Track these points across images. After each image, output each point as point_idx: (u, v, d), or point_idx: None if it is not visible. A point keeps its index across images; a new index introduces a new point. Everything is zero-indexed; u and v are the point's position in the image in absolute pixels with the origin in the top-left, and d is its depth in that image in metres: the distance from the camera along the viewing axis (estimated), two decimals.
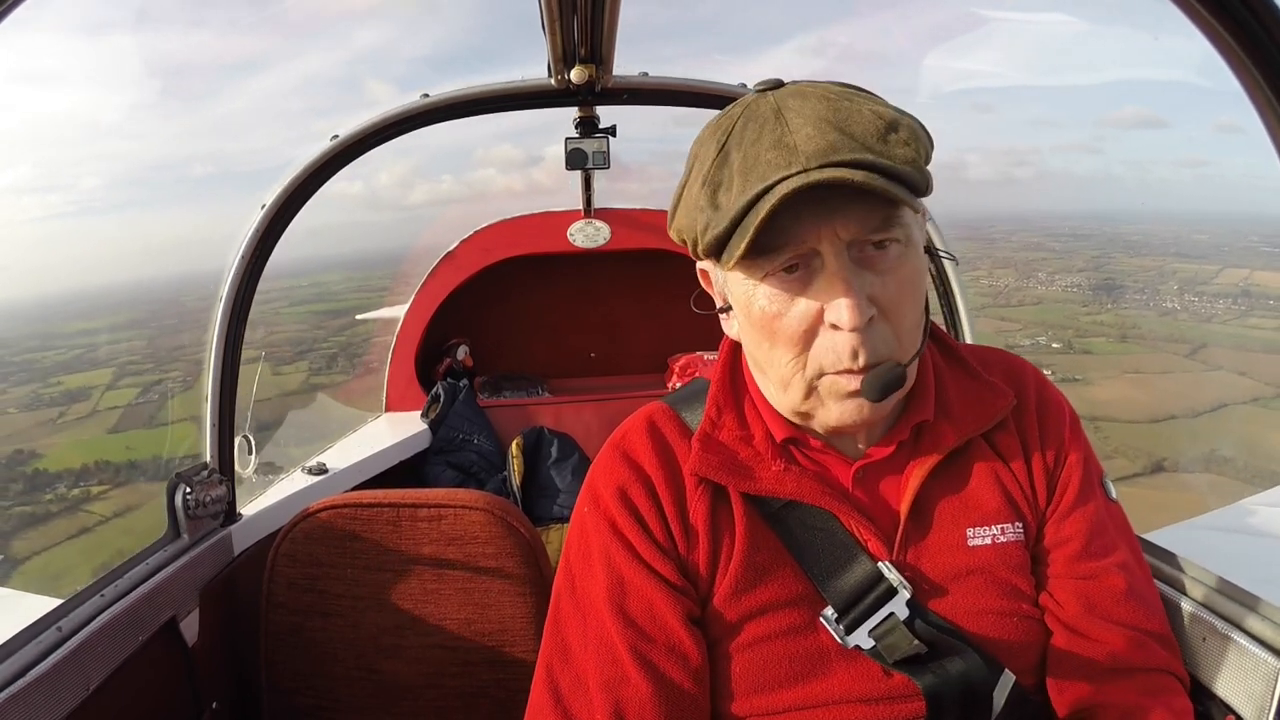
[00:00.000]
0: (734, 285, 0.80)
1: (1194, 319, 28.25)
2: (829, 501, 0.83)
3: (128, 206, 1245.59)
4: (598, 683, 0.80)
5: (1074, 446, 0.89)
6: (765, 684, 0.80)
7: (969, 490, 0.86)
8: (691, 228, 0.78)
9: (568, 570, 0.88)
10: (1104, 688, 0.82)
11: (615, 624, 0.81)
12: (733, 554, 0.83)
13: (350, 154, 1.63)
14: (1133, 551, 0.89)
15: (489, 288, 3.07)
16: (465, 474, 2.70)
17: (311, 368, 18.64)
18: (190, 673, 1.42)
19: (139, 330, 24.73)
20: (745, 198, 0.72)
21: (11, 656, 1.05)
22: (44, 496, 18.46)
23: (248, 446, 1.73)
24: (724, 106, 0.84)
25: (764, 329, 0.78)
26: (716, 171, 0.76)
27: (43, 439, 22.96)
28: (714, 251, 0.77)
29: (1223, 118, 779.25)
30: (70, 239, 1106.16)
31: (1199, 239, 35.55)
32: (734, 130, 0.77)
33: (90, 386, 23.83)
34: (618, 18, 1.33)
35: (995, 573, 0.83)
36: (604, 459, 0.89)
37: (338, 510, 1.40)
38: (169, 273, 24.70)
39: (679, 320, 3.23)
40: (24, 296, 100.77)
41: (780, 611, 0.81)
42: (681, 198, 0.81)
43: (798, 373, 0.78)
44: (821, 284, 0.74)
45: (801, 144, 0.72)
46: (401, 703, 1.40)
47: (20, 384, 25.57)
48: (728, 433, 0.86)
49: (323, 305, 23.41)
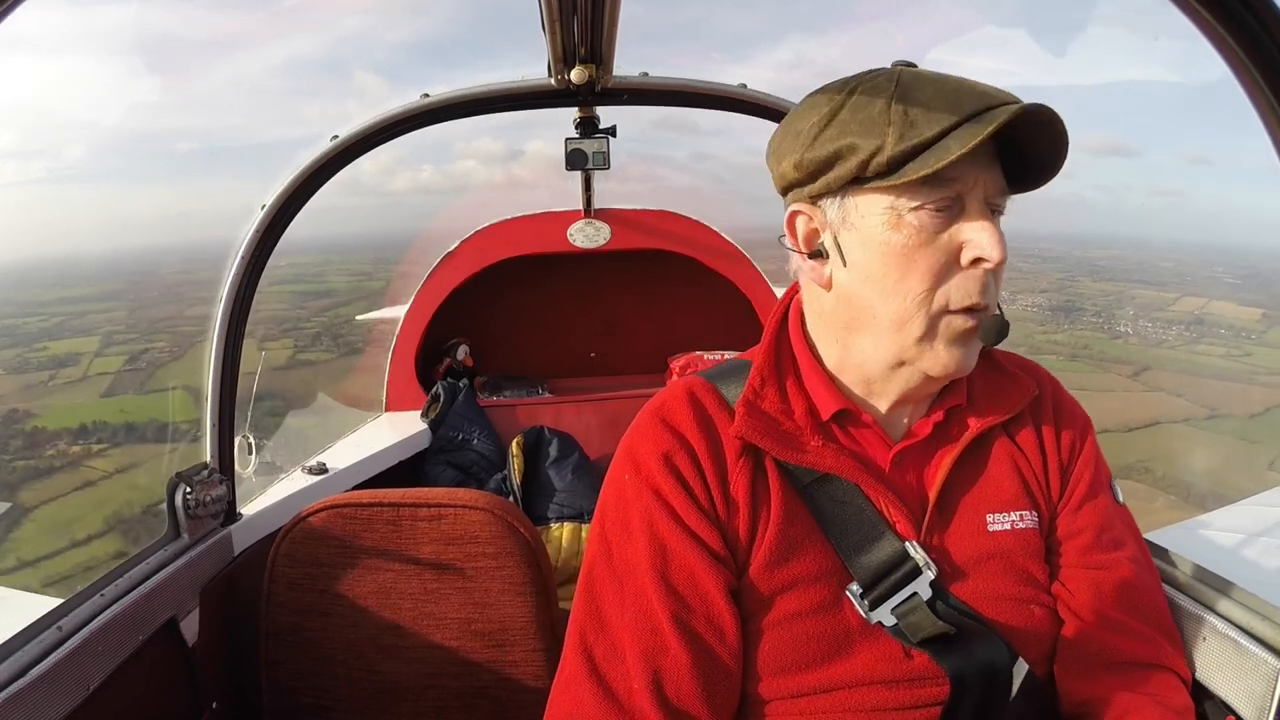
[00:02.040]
0: (869, 213, 0.80)
1: (1144, 343, 29.37)
2: (864, 479, 0.84)
3: (105, 177, 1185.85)
4: (635, 652, 0.80)
5: (1086, 446, 0.92)
6: (793, 664, 0.81)
7: (989, 476, 0.88)
8: (870, 143, 0.76)
9: (603, 538, 0.87)
10: (1109, 680, 0.83)
11: (657, 592, 0.81)
12: (769, 526, 0.83)
13: (350, 154, 1.63)
14: (1141, 550, 0.91)
15: (489, 288, 3.07)
16: (465, 474, 2.70)
17: (296, 345, 18.71)
18: (190, 673, 1.42)
19: (118, 300, 24.86)
20: (956, 115, 0.74)
21: (11, 656, 1.05)
22: (46, 452, 18.81)
23: (248, 447, 1.74)
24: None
25: (903, 257, 0.78)
26: (902, 99, 0.76)
27: (36, 400, 23.24)
28: (895, 165, 0.76)
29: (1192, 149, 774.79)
30: (45, 206, 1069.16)
31: (1165, 266, 36.42)
32: (902, 78, 0.78)
33: (78, 353, 24.00)
34: (618, 18, 1.33)
35: (1013, 558, 0.85)
36: (644, 426, 0.89)
37: (338, 510, 1.40)
38: (147, 244, 24.90)
39: (679, 320, 3.26)
40: (5, 261, 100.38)
41: (810, 586, 0.82)
42: (833, 121, 0.79)
43: (923, 307, 0.79)
44: (963, 225, 0.78)
45: (995, 92, 0.75)
46: (401, 703, 1.40)
47: (4, 348, 25.75)
48: (770, 404, 0.87)
49: (302, 286, 23.41)
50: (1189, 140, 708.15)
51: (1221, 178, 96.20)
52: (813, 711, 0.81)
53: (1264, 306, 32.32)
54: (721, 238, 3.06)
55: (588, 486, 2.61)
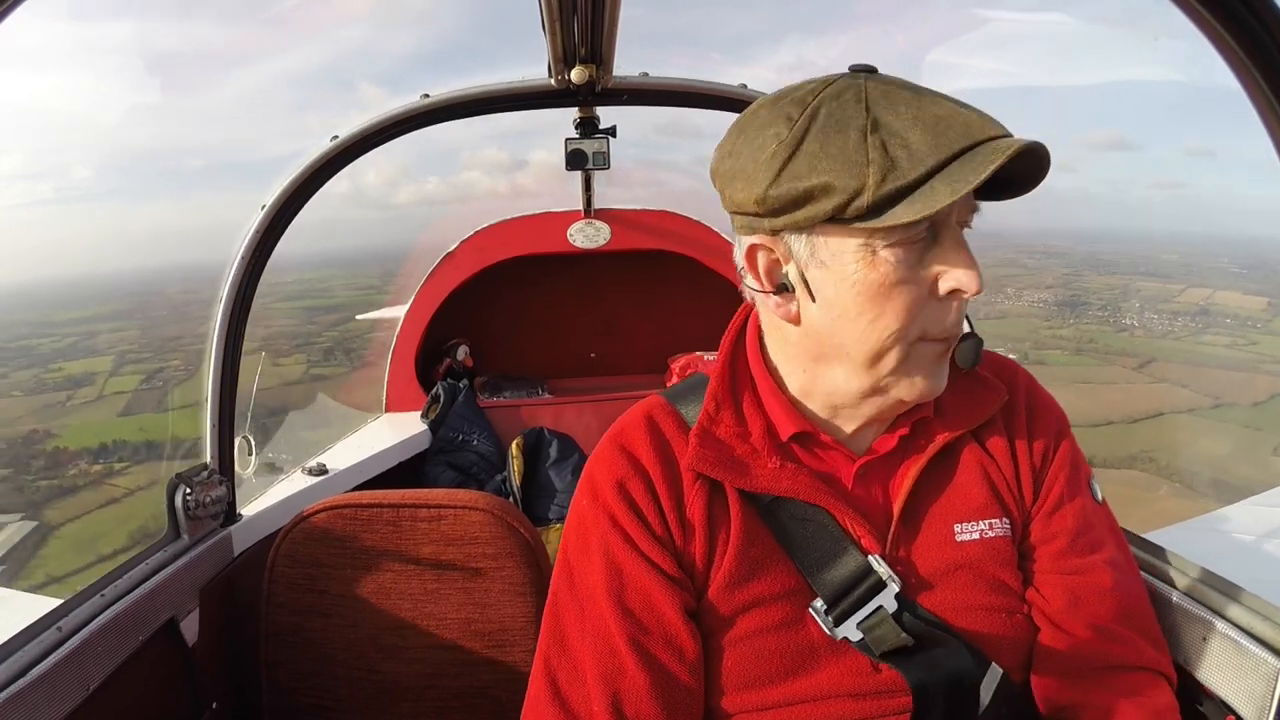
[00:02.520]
0: (839, 251, 0.75)
1: (1149, 335, 29.40)
2: (824, 498, 0.84)
3: (110, 196, 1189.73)
4: (595, 674, 0.81)
5: (1062, 446, 0.90)
6: (756, 679, 0.81)
7: (957, 485, 0.87)
8: (847, 184, 0.70)
9: (565, 563, 0.88)
10: (1087, 684, 0.82)
11: (613, 615, 0.82)
12: (728, 548, 0.83)
13: (350, 154, 1.63)
14: (1121, 550, 0.90)
15: (489, 288, 3.07)
16: (465, 474, 2.70)
17: (310, 360, 18.87)
18: (190, 673, 1.42)
19: (129, 320, 25.14)
20: (941, 154, 0.69)
21: (11, 656, 1.05)
22: (68, 471, 19.06)
23: (248, 447, 1.74)
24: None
25: (879, 295, 0.74)
26: (875, 131, 0.70)
27: (55, 420, 23.57)
28: (876, 210, 0.70)
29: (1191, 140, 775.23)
30: (53, 227, 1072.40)
31: (1170, 259, 36.42)
32: (870, 96, 0.72)
33: (93, 373, 24.27)
34: (618, 18, 1.33)
35: (983, 568, 0.84)
36: (602, 453, 0.89)
37: (338, 510, 1.40)
38: (153, 264, 25.36)
39: (679, 320, 3.25)
40: (7, 283, 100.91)
41: (772, 605, 0.82)
42: (797, 153, 0.73)
43: (899, 341, 0.76)
44: (938, 251, 0.75)
45: (972, 118, 0.71)
46: (401, 703, 1.40)
47: (21, 369, 26.08)
48: (725, 429, 0.86)
49: (312, 301, 23.66)
50: (1190, 133, 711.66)
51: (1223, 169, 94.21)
52: None
53: (1269, 295, 32.25)
54: (721, 237, 3.05)
55: None
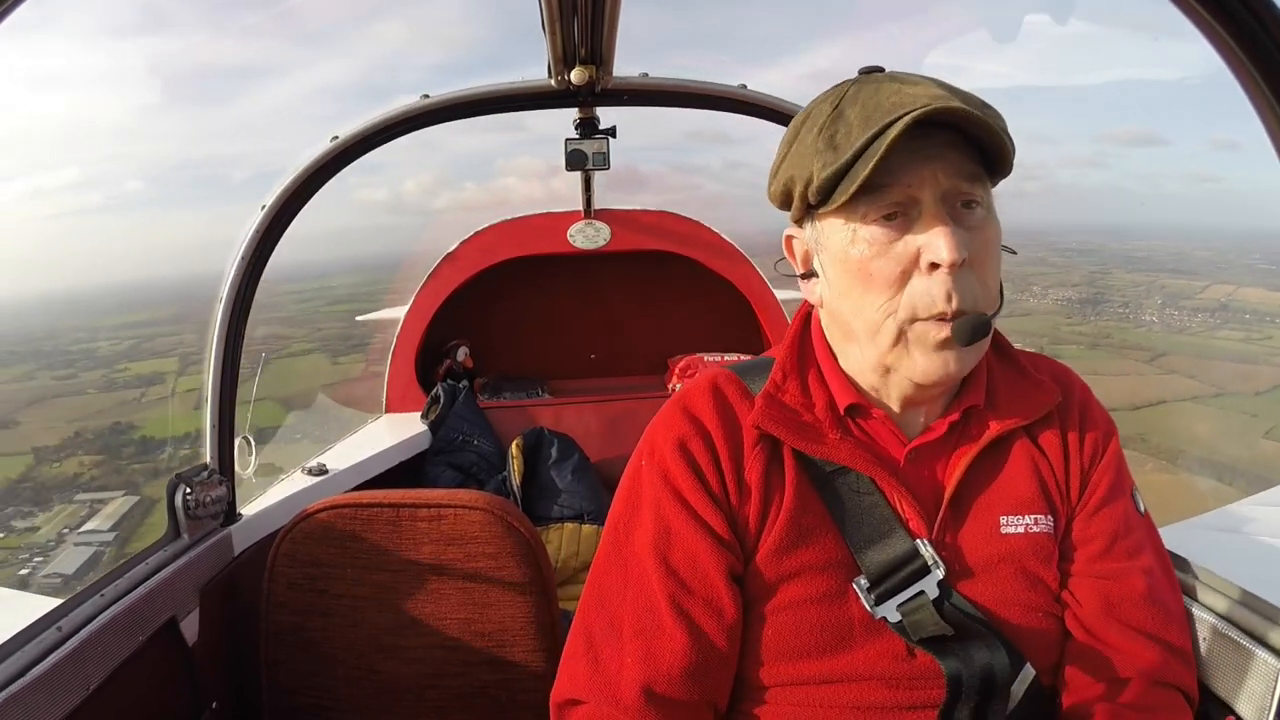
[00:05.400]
0: (830, 234, 0.83)
1: (1167, 331, 29.58)
2: (879, 473, 0.85)
3: (148, 205, 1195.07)
4: (632, 630, 0.82)
5: (1110, 453, 0.91)
6: (794, 650, 0.82)
7: (1006, 477, 0.88)
8: (804, 174, 0.81)
9: (613, 521, 0.90)
10: (1112, 695, 0.82)
11: (657, 572, 0.83)
12: (780, 513, 0.84)
13: (351, 154, 1.63)
14: (1159, 561, 0.89)
15: (489, 288, 3.08)
16: (465, 474, 2.70)
17: (368, 359, 19.47)
18: (190, 673, 1.42)
19: (182, 324, 25.98)
20: (869, 132, 0.75)
21: (11, 656, 1.05)
22: (158, 455, 19.84)
23: (248, 447, 1.74)
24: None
25: (860, 273, 0.80)
26: (832, 124, 0.79)
27: (133, 414, 24.35)
28: (824, 193, 0.79)
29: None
30: (93, 236, 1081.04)
31: (1202, 254, 36.27)
32: (848, 93, 0.81)
33: (161, 372, 25.05)
34: (618, 18, 1.34)
35: (1024, 563, 0.85)
36: (665, 415, 0.92)
37: (338, 510, 1.40)
38: (192, 271, 26.24)
39: (679, 321, 3.26)
40: (54, 290, 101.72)
41: (817, 576, 0.83)
42: (788, 154, 0.84)
43: (889, 316, 0.80)
44: (919, 229, 0.78)
45: (919, 94, 0.76)
46: (401, 703, 1.40)
47: (87, 369, 26.80)
48: (791, 397, 0.88)
49: (356, 305, 24.26)
50: (1215, 126, 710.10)
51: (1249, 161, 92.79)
52: (812, 703, 0.82)
53: None
54: (721, 237, 3.05)
55: (588, 487, 2.61)
